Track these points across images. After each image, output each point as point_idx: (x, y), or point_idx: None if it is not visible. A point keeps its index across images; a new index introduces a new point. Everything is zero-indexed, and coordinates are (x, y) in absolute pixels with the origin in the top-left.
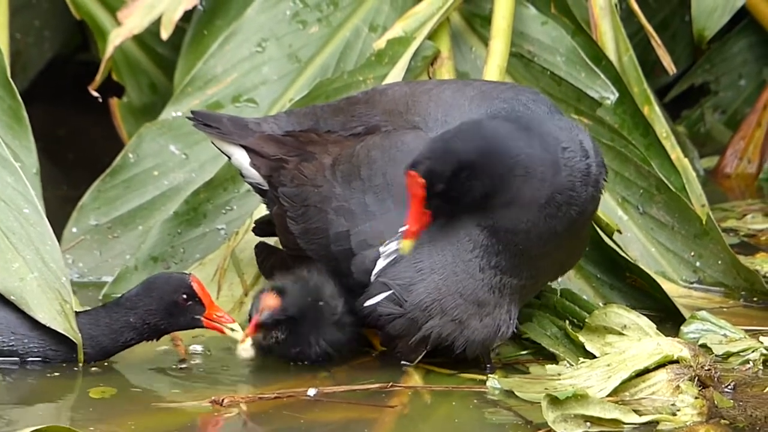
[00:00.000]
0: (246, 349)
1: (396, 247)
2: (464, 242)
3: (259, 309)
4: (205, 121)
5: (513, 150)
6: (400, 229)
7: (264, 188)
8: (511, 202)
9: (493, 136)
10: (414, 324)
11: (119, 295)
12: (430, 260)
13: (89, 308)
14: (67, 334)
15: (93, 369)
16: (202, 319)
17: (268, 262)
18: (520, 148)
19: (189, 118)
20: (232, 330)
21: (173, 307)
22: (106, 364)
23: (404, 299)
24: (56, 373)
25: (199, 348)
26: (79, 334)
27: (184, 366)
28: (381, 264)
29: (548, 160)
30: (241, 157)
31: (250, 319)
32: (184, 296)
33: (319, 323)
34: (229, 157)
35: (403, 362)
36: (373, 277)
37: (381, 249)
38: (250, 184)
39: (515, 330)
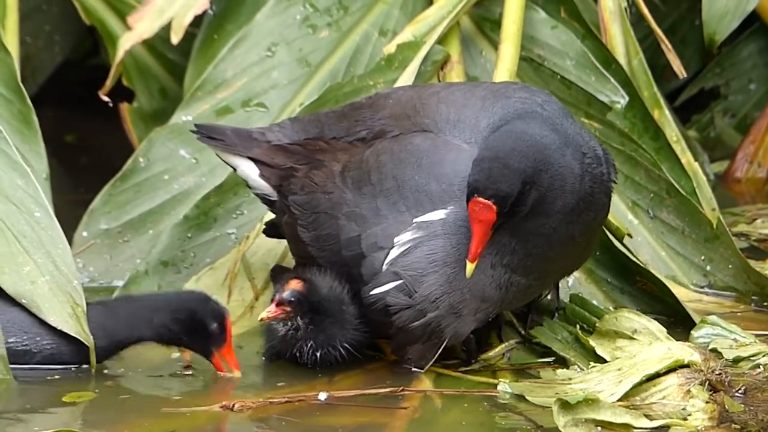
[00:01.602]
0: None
1: (410, 237)
2: None
3: (283, 288)
4: (209, 133)
5: (559, 161)
6: (418, 219)
7: (272, 198)
8: (541, 210)
9: (543, 145)
10: (421, 315)
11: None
12: (444, 253)
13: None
14: (78, 337)
15: (101, 372)
16: (216, 352)
17: (282, 280)
18: (564, 161)
19: (193, 131)
20: (233, 373)
21: (202, 329)
22: (106, 371)
23: (414, 290)
24: (65, 376)
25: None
26: (91, 337)
27: (189, 372)
28: (394, 253)
29: (578, 170)
30: (248, 169)
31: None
32: (216, 325)
33: (344, 325)
34: (235, 169)
35: (414, 369)
36: (384, 266)
37: (395, 239)
38: (258, 195)
39: (525, 334)
